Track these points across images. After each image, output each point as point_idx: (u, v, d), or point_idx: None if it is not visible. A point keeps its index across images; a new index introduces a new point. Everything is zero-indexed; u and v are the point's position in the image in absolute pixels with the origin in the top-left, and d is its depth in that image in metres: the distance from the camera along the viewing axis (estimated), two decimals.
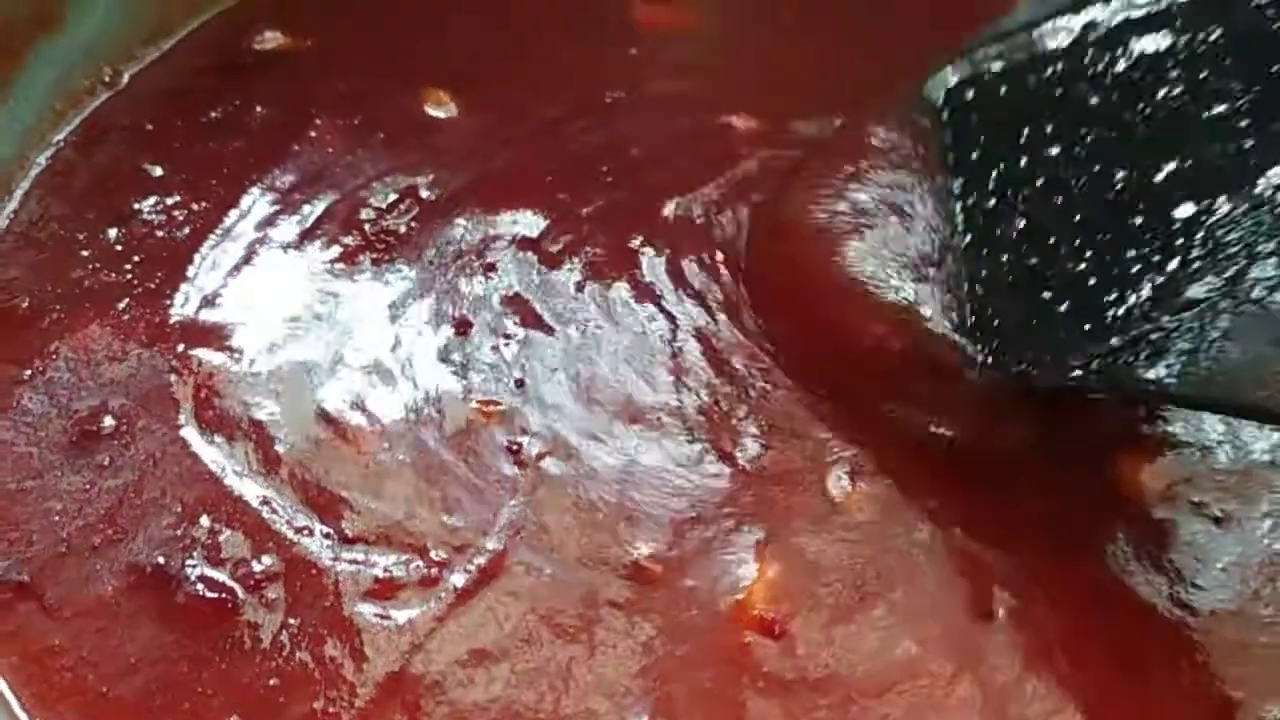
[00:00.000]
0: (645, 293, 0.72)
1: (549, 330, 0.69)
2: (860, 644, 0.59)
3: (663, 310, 0.71)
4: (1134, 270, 0.55)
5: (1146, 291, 0.54)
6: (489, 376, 0.67)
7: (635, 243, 0.74)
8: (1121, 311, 0.55)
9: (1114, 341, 0.55)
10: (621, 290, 0.72)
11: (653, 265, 0.73)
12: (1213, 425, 0.68)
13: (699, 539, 0.62)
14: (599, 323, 0.70)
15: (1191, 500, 0.66)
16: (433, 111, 0.80)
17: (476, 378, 0.67)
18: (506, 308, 0.70)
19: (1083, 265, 0.57)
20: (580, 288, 0.72)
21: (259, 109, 0.79)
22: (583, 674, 0.58)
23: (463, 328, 0.69)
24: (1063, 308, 0.58)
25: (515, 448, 0.65)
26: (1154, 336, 0.54)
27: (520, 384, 0.67)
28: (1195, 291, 0.53)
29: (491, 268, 0.72)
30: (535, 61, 0.84)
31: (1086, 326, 0.56)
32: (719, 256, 0.74)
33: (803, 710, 0.57)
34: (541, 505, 0.63)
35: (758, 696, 0.57)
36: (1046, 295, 0.58)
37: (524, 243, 0.73)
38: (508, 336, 0.69)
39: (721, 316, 0.71)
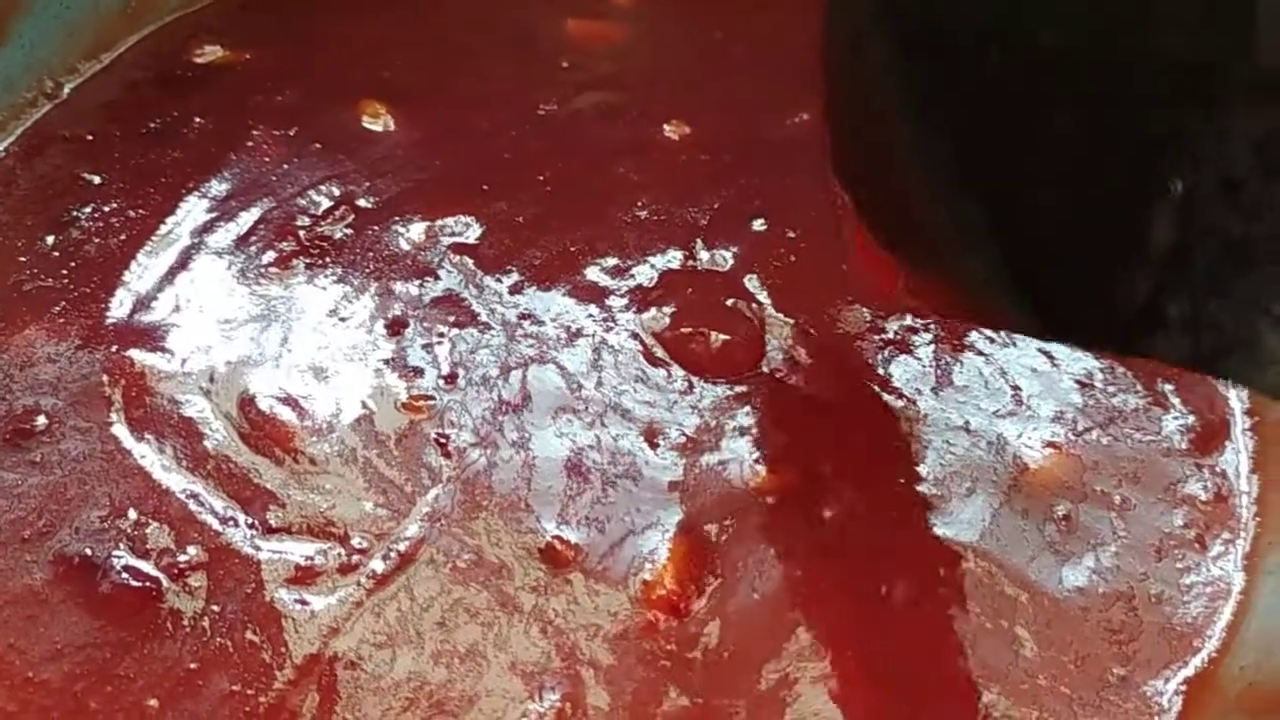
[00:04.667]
0: (586, 294, 0.74)
1: (484, 329, 0.72)
2: (763, 624, 0.61)
3: (604, 309, 0.73)
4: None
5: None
6: (421, 373, 0.69)
7: (575, 247, 0.76)
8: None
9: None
10: (561, 292, 0.74)
11: (593, 268, 0.75)
12: (1120, 415, 0.71)
13: (614, 523, 0.64)
14: (536, 322, 0.72)
15: (1095, 488, 0.68)
16: (369, 123, 0.83)
17: (409, 374, 0.69)
18: (442, 308, 0.72)
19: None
20: (518, 290, 0.74)
21: (197, 120, 0.82)
22: (495, 654, 0.59)
23: (397, 327, 0.71)
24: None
25: (444, 440, 0.66)
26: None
27: (452, 379, 0.69)
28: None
29: (428, 271, 0.74)
30: (470, 75, 0.87)
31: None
32: (662, 258, 0.76)
33: (706, 687, 0.59)
34: (464, 493, 0.64)
35: (663, 675, 0.59)
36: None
37: (461, 248, 0.76)
38: (441, 335, 0.71)
39: (662, 316, 0.73)
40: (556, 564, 0.62)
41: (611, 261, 0.76)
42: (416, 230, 0.77)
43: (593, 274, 0.75)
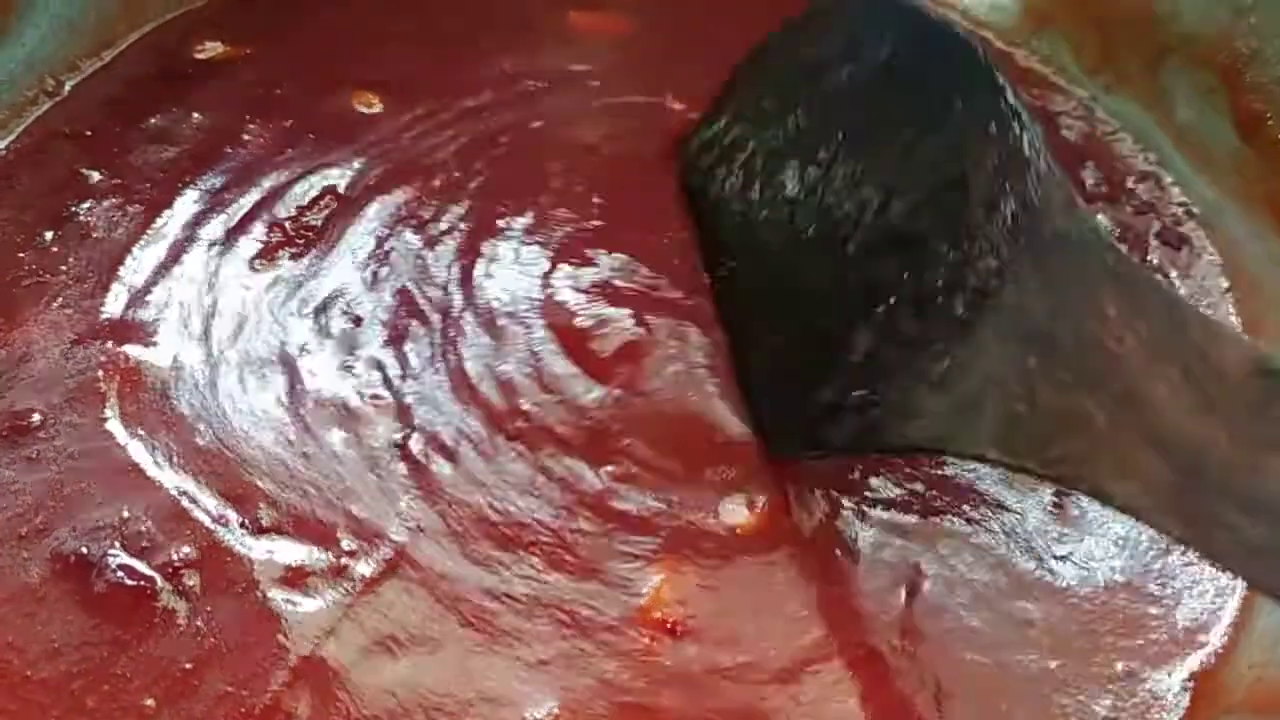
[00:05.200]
0: (498, 267, 0.74)
1: (425, 322, 0.71)
2: (768, 636, 0.61)
3: (501, 303, 0.72)
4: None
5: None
6: (378, 370, 0.69)
7: (500, 209, 0.76)
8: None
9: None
10: (480, 269, 0.74)
11: (507, 237, 0.75)
12: None
13: (591, 546, 0.63)
14: (460, 311, 0.72)
15: None
16: (363, 111, 0.83)
17: (367, 371, 0.69)
18: (395, 299, 0.72)
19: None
20: (449, 268, 0.74)
21: (196, 116, 0.82)
22: (488, 661, 0.59)
23: (357, 321, 0.71)
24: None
25: (402, 443, 0.66)
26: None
27: (403, 378, 0.68)
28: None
29: (386, 256, 0.74)
30: (470, 65, 0.87)
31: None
32: (583, 222, 0.76)
33: (711, 698, 0.58)
34: (433, 503, 0.64)
35: (663, 688, 0.59)
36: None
37: (416, 225, 0.76)
38: (395, 329, 0.71)
39: (565, 286, 0.73)
40: (542, 578, 0.62)
41: (537, 226, 0.76)
42: (385, 212, 0.77)
43: (510, 245, 0.75)
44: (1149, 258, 0.81)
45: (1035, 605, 0.63)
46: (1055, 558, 0.64)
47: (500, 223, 0.76)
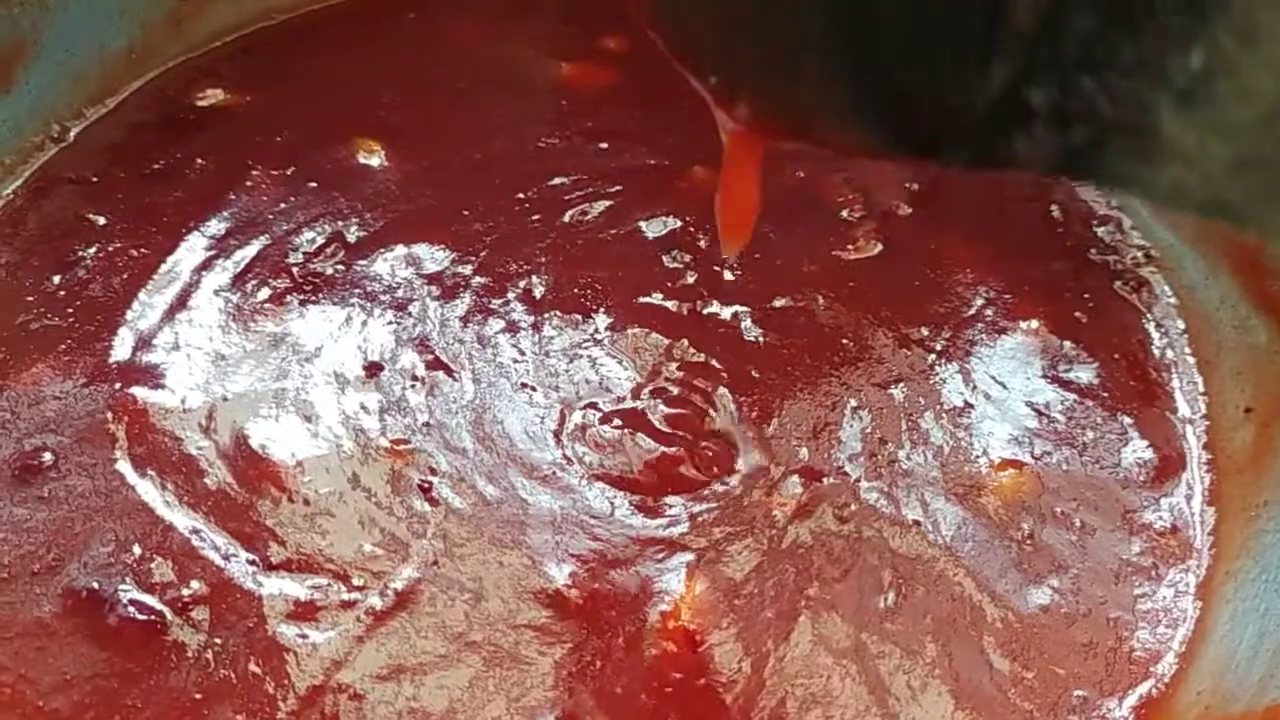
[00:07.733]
0: (511, 328, 0.77)
1: (450, 372, 0.74)
2: (781, 649, 0.64)
3: (519, 349, 0.76)
4: None
5: None
6: (400, 417, 0.72)
7: (512, 268, 0.79)
8: None
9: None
10: (494, 326, 0.77)
11: (520, 291, 0.78)
12: (1080, 438, 0.74)
13: (613, 573, 0.66)
14: (482, 363, 0.75)
15: (1055, 510, 0.71)
16: (364, 160, 0.85)
17: (389, 418, 0.72)
18: (414, 348, 0.75)
19: None
20: (465, 322, 0.77)
21: (199, 161, 0.84)
22: (497, 686, 0.62)
23: (374, 370, 0.74)
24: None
25: (427, 486, 0.69)
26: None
27: (428, 425, 0.72)
28: None
29: (403, 306, 0.77)
30: (465, 114, 0.89)
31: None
32: (585, 280, 0.79)
33: (711, 711, 0.62)
34: (456, 540, 0.67)
35: (667, 702, 0.62)
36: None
37: (431, 277, 0.79)
38: (415, 378, 0.74)
39: (569, 338, 0.76)
40: (562, 607, 0.65)
41: (531, 288, 0.79)
42: (398, 262, 0.79)
43: (515, 299, 0.78)
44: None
45: (998, 633, 0.66)
46: (1021, 587, 0.68)
47: (514, 268, 0.79)
